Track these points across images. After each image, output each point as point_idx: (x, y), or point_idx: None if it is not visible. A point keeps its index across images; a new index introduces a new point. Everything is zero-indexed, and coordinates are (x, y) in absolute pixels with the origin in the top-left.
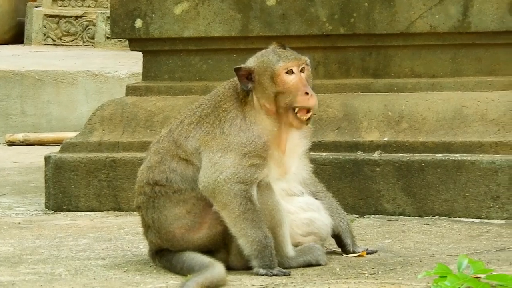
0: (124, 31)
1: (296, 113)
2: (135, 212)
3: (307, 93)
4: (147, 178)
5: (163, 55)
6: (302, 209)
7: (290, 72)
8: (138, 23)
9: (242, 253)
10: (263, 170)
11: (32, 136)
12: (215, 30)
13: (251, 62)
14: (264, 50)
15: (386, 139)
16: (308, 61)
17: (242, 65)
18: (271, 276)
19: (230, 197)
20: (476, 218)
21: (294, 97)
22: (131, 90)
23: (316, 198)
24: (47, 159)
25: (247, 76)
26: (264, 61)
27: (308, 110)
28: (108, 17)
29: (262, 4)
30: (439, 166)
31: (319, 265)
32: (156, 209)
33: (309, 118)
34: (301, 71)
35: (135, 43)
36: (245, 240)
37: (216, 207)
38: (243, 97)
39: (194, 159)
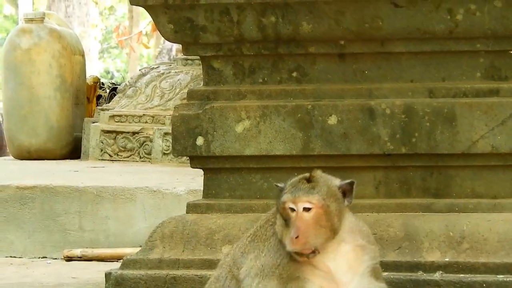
0: (185, 149)
1: None
2: None
3: (297, 236)
4: None
5: (224, 173)
6: None
7: (291, 209)
8: (200, 140)
9: None
10: None
11: (90, 251)
12: (276, 149)
13: None
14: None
15: (447, 259)
16: (320, 202)
17: None
18: None
19: None
20: None
21: (287, 235)
22: (192, 208)
23: None
24: (107, 275)
25: None
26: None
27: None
28: (165, 133)
29: (323, 123)
30: (501, 287)
31: None
32: None
33: (313, 252)
34: (305, 210)
35: (196, 160)
36: None
37: None
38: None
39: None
